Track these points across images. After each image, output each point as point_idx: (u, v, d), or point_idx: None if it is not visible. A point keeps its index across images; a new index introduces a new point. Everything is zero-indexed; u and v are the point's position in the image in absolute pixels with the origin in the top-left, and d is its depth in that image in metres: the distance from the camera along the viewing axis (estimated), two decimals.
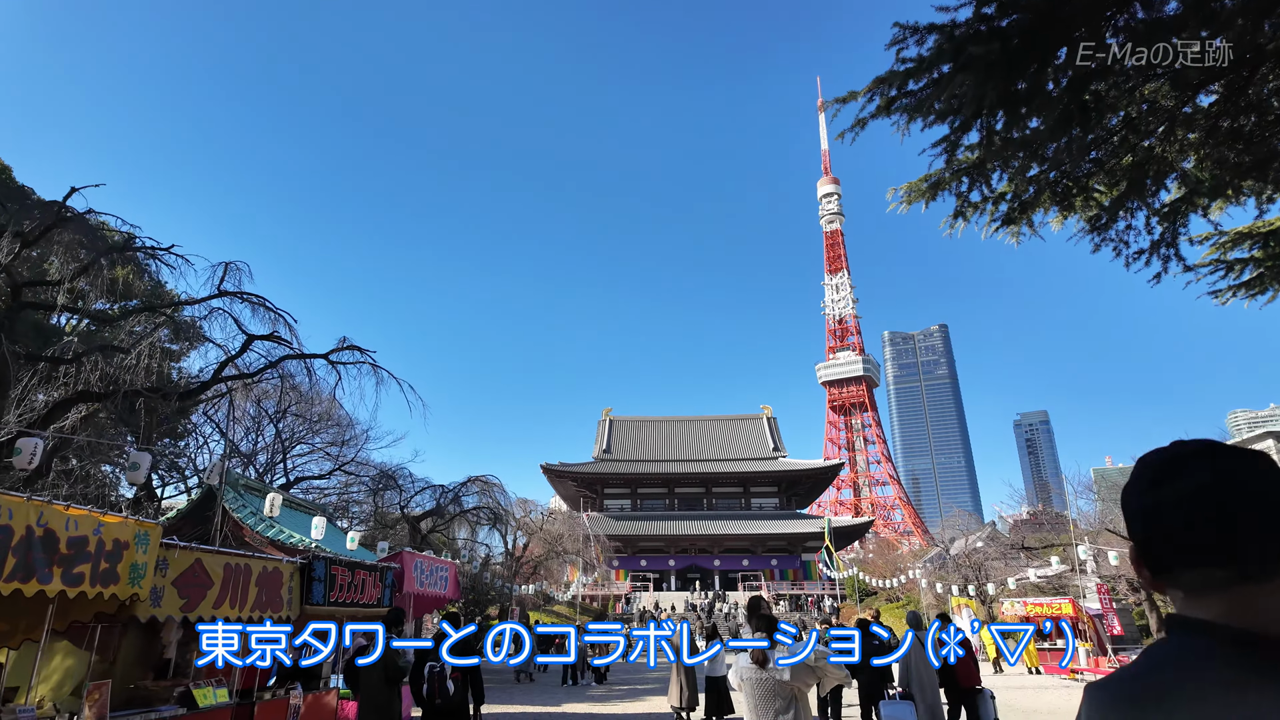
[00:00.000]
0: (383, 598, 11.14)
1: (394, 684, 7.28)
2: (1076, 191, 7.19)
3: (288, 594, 8.91)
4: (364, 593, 10.52)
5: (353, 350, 15.65)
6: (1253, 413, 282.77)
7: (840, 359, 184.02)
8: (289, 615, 8.88)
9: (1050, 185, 7.13)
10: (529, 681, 22.33)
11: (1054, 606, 28.56)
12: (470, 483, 26.76)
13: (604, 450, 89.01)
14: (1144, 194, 7.17)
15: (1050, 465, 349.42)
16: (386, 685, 7.25)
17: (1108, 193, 7.28)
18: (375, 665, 7.52)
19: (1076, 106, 5.95)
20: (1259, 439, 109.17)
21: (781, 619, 5.81)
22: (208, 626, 6.98)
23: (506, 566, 38.54)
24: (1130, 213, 7.16)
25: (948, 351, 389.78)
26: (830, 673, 4.81)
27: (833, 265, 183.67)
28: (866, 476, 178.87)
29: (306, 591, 9.20)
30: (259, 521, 15.88)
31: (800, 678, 4.70)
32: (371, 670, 7.52)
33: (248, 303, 14.54)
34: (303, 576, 9.23)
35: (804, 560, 73.90)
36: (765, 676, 4.72)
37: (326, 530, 16.59)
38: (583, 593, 60.18)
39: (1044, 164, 6.97)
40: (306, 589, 9.21)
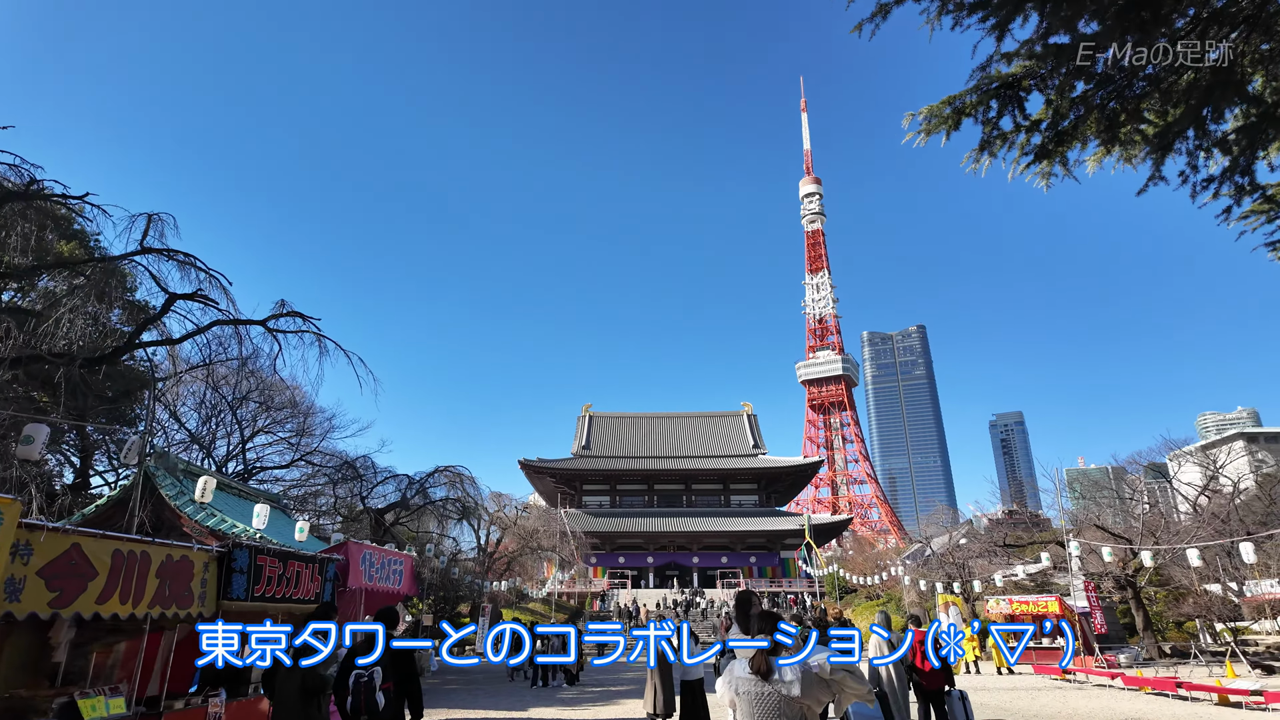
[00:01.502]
0: (322, 592, 9.89)
1: (313, 696, 6.09)
2: (1125, 118, 6.15)
3: (200, 587, 7.66)
4: (298, 587, 9.27)
5: (294, 317, 14.15)
6: (1221, 415, 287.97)
7: (820, 358, 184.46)
8: (201, 612, 7.63)
9: (1096, 109, 6.08)
10: (523, 680, 21.34)
11: (1040, 604, 27.88)
12: (438, 473, 25.40)
13: (583, 446, 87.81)
14: (1201, 121, 6.16)
15: (1025, 465, 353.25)
16: (304, 697, 6.04)
17: (1158, 122, 6.26)
18: (292, 673, 6.32)
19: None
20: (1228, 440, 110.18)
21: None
22: (207, 626, 5.81)
23: (479, 562, 37.23)
24: (1185, 141, 6.15)
25: (925, 352, 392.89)
26: (850, 687, 3.70)
27: (814, 265, 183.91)
28: (844, 475, 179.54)
29: (225, 585, 7.96)
30: (198, 509, 14.52)
31: (813, 693, 3.60)
32: (289, 678, 6.31)
33: (175, 261, 13.08)
34: (220, 568, 7.97)
35: (783, 558, 73.34)
36: (768, 691, 3.61)
37: (271, 519, 15.27)
38: (559, 590, 58.96)
39: (1091, 82, 5.93)
40: (225, 582, 7.96)
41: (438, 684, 20.97)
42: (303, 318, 14.25)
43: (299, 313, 14.12)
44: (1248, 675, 21.00)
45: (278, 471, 29.82)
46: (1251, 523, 34.66)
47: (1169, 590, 33.13)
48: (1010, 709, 14.69)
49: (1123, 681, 17.71)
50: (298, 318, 14.15)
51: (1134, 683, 17.27)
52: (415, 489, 25.12)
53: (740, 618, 6.33)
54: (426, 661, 24.35)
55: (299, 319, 14.17)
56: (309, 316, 14.16)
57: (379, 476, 24.89)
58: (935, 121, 6.42)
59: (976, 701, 15.66)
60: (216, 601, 7.89)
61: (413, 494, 25.09)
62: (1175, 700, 15.55)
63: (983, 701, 15.72)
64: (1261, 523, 34.91)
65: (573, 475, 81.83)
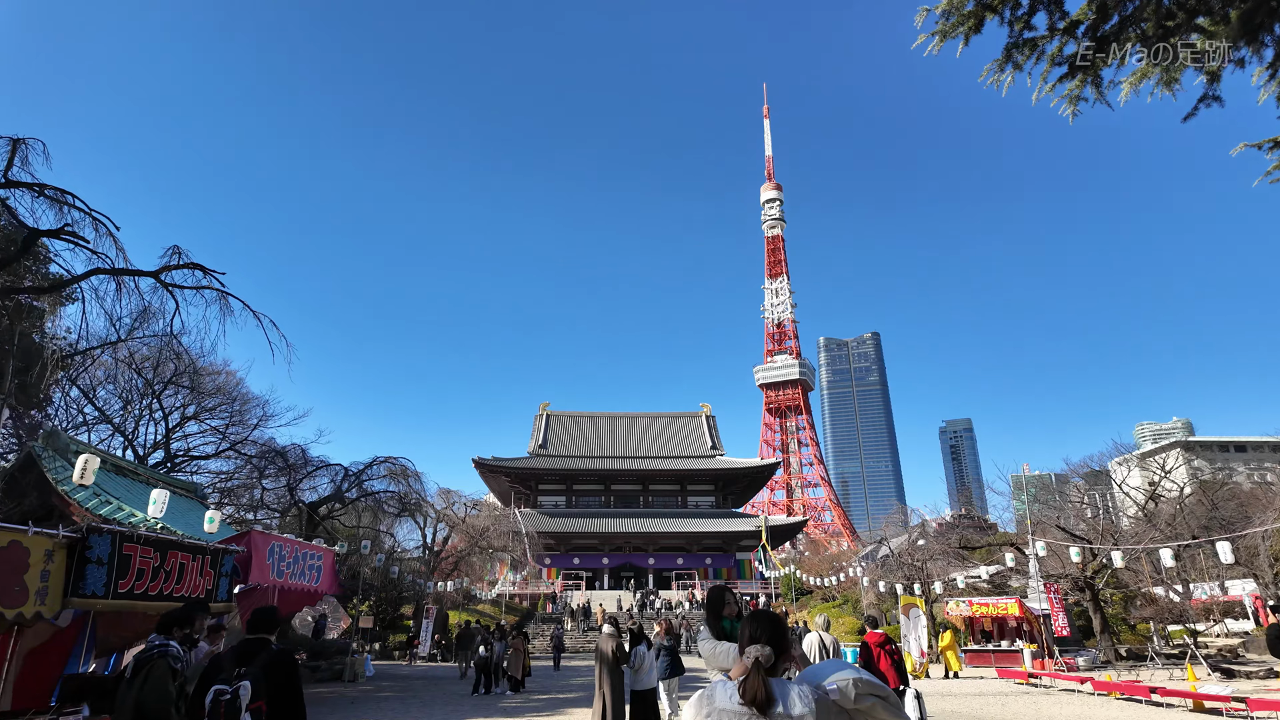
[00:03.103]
0: (216, 590, 8.39)
1: (154, 718, 4.72)
2: (1176, 24, 5.15)
3: (39, 581, 6.16)
4: (183, 582, 7.78)
5: (193, 269, 12.27)
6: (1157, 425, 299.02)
7: (778, 362, 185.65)
8: (40, 612, 6.14)
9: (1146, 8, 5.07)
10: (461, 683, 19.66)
11: (1000, 607, 27.48)
12: (377, 464, 23.63)
13: (540, 445, 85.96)
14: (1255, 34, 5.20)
15: (973, 470, 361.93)
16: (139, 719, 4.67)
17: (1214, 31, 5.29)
18: (130, 689, 4.93)
19: None
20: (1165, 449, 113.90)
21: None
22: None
23: (424, 561, 35.45)
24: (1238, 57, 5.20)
25: (879, 359, 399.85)
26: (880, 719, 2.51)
27: (773, 270, 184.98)
28: (799, 478, 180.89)
29: (76, 578, 6.46)
30: (90, 495, 12.78)
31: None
32: (126, 695, 4.92)
33: (45, 198, 11.20)
34: (71, 557, 6.48)
35: (738, 559, 72.84)
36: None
37: (180, 508, 13.59)
38: (511, 591, 57.25)
39: None
40: (76, 575, 6.47)
41: (370, 691, 19.37)
42: (203, 270, 12.30)
43: (199, 264, 12.15)
44: (1208, 678, 20.71)
45: (209, 463, 27.67)
46: (1195, 527, 35.14)
47: (1123, 593, 33.23)
48: (981, 716, 13.84)
49: (1092, 686, 17.09)
50: (197, 270, 12.26)
51: (1104, 688, 16.65)
52: (351, 481, 23.31)
53: (712, 619, 5.12)
54: (361, 667, 22.67)
55: (199, 271, 12.29)
56: (211, 269, 12.24)
57: (310, 466, 22.98)
58: (954, 21, 5.35)
59: (944, 709, 14.79)
60: (62, 599, 6.39)
61: (348, 486, 23.29)
62: (1149, 706, 14.93)
63: (951, 709, 14.87)
64: (1204, 527, 35.43)
65: (528, 475, 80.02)
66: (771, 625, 2.67)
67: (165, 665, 5.12)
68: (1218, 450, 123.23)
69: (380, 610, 33.87)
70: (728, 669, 5.16)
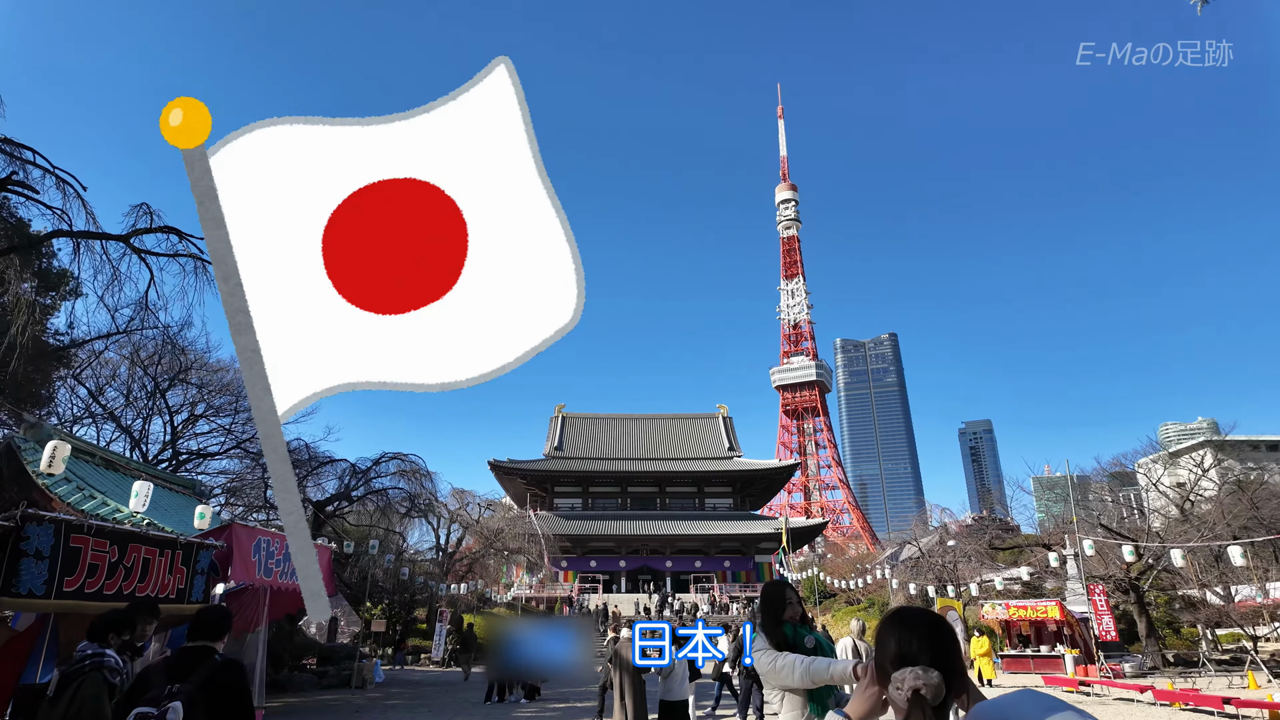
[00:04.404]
0: (189, 589, 7.44)
1: None
2: None
3: None
4: (148, 580, 6.84)
5: (167, 233, 11.20)
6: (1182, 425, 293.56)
7: (794, 364, 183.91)
8: None
9: None
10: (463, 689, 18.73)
11: (1039, 609, 26.11)
12: (386, 460, 22.70)
13: (555, 447, 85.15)
14: None
15: (993, 472, 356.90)
16: None
17: None
18: (54, 710, 3.96)
19: None
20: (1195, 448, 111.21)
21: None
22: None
23: (437, 563, 34.55)
24: None
25: (897, 360, 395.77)
26: None
27: (789, 270, 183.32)
28: (817, 480, 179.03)
29: (10, 575, 5.52)
30: (73, 490, 11.93)
31: None
32: (49, 718, 3.96)
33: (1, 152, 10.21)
34: (2, 551, 5.54)
35: (757, 562, 71.57)
36: None
37: (169, 503, 12.73)
38: (527, 594, 56.39)
39: None
40: (10, 571, 5.53)
41: (378, 698, 18.45)
42: (179, 234, 11.27)
43: (173, 228, 11.05)
44: (1267, 684, 19.37)
45: (216, 461, 26.92)
46: (1236, 527, 33.55)
47: (1168, 595, 31.68)
48: None
49: (1153, 695, 15.76)
50: (172, 234, 11.22)
51: (1166, 697, 15.33)
52: (359, 478, 22.39)
53: (768, 624, 4.05)
54: (370, 673, 21.76)
55: (174, 235, 11.26)
56: (188, 234, 11.17)
57: (315, 462, 22.07)
58: None
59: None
60: None
61: (356, 483, 22.38)
62: (1221, 719, 13.63)
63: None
64: (1244, 527, 33.83)
65: (544, 477, 79.23)
66: (934, 635, 1.60)
67: (99, 680, 4.16)
68: (1248, 449, 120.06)
69: (393, 614, 32.99)
70: (793, 688, 3.93)
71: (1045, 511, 59.90)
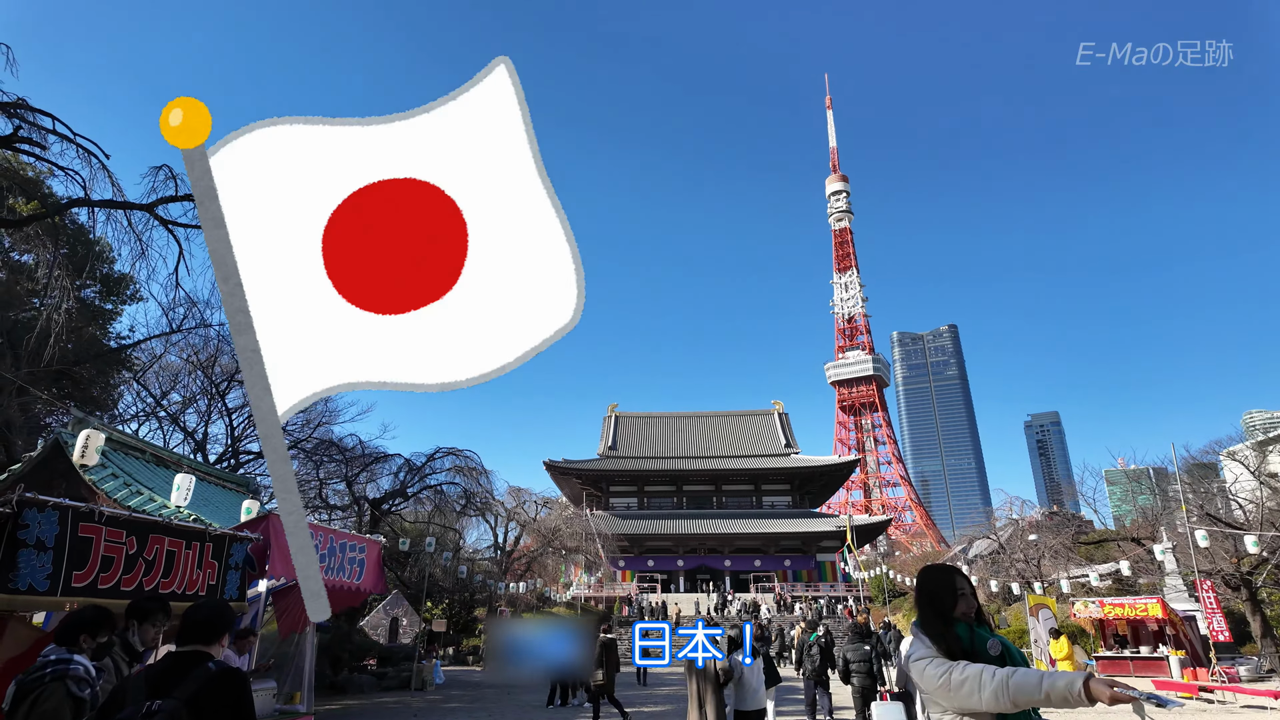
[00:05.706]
0: (222, 585, 6.74)
1: None
2: None
3: None
4: (173, 575, 6.15)
5: (193, 201, 10.79)
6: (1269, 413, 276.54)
7: (850, 358, 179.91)
8: None
9: None
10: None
11: (1138, 607, 23.94)
12: (441, 456, 22.12)
13: (609, 447, 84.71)
14: None
15: (1062, 467, 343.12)
16: None
17: None
18: None
19: None
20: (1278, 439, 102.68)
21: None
22: None
23: (496, 562, 34.13)
24: None
25: (957, 352, 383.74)
26: None
27: (841, 264, 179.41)
28: (877, 477, 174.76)
29: (6, 569, 4.85)
30: (120, 485, 11.55)
31: None
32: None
33: (18, 117, 9.71)
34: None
35: (819, 561, 69.61)
36: None
37: (215, 497, 12.26)
38: (586, 593, 55.85)
39: None
40: (6, 564, 4.85)
41: (437, 700, 17.89)
42: None
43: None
44: None
45: None
46: None
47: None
48: None
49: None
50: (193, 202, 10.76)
51: None
52: (414, 474, 21.91)
53: (934, 623, 2.95)
54: (430, 674, 21.25)
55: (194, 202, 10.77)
56: None
57: (369, 457, 21.65)
58: None
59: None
60: None
61: (412, 479, 21.93)
62: None
63: None
64: None
65: (599, 476, 78.81)
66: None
67: (60, 692, 3.38)
68: None
69: (453, 613, 32.67)
70: (977, 711, 2.77)
71: (1130, 504, 56.23)
